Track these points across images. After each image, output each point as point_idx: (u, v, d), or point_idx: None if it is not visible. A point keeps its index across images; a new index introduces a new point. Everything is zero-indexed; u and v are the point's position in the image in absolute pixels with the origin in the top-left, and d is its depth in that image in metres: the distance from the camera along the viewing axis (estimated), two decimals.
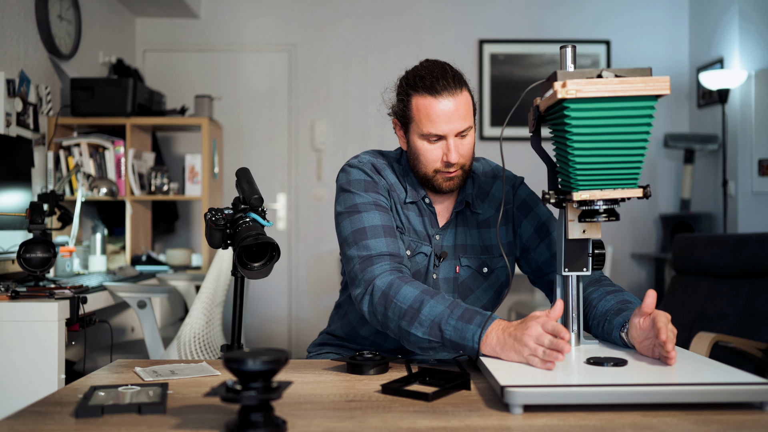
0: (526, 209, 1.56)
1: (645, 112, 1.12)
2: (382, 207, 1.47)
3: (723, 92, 4.09)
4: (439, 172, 1.46)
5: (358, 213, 1.45)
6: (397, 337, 1.35)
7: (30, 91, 3.16)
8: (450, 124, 1.41)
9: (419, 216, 1.53)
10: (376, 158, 1.55)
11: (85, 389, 1.13)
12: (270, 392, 0.89)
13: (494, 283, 1.55)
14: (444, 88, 1.40)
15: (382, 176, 1.52)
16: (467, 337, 1.23)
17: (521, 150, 3.00)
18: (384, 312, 1.34)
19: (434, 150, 1.45)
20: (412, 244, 1.50)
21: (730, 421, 0.96)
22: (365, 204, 1.46)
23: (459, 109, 1.41)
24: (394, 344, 1.56)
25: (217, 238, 1.35)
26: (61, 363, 2.13)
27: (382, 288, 1.34)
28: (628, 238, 4.74)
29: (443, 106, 1.40)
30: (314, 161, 4.71)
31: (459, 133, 1.43)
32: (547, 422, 0.96)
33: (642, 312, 1.23)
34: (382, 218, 1.45)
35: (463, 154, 1.45)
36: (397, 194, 1.52)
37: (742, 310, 2.70)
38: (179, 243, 4.57)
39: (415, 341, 1.30)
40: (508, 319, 4.63)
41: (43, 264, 2.38)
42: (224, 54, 4.71)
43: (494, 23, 4.72)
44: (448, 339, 1.25)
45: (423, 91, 1.42)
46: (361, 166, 1.51)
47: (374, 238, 1.41)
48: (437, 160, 1.45)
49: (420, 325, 1.28)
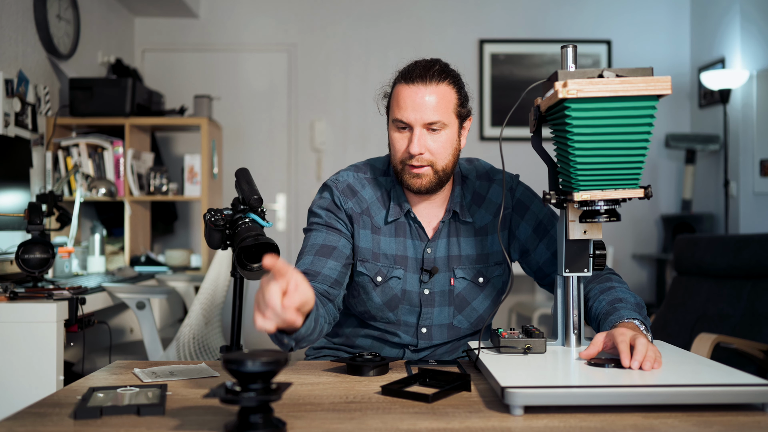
0: (523, 209, 1.51)
1: (646, 112, 1.12)
2: (334, 229, 1.46)
3: (724, 92, 4.09)
4: (405, 164, 1.41)
5: (309, 232, 1.48)
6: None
7: (28, 91, 3.15)
8: (416, 113, 1.37)
9: (400, 236, 1.49)
10: (358, 174, 1.53)
11: (83, 390, 1.13)
12: (269, 393, 0.88)
13: (491, 293, 1.51)
14: (418, 77, 1.38)
15: (357, 197, 1.49)
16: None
17: (521, 150, 3.00)
18: None
19: (401, 139, 1.42)
20: (382, 270, 1.46)
21: (732, 423, 0.95)
22: (318, 224, 1.47)
23: (430, 100, 1.37)
24: (392, 353, 1.54)
25: (217, 238, 1.34)
26: (59, 364, 2.13)
27: None
28: (629, 238, 4.74)
29: (412, 93, 1.38)
30: (314, 161, 4.70)
31: (428, 125, 1.38)
32: (548, 423, 0.96)
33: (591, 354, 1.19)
34: (325, 238, 1.44)
35: (432, 149, 1.39)
36: (371, 218, 1.49)
37: (744, 311, 2.70)
38: (178, 244, 4.56)
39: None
40: (509, 320, 4.63)
41: (41, 265, 2.37)
42: (223, 54, 4.70)
43: (495, 23, 4.71)
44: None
45: (401, 78, 1.41)
46: (334, 187, 1.50)
47: (306, 256, 1.43)
48: (402, 150, 1.41)
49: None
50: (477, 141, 4.68)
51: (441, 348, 1.54)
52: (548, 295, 4.65)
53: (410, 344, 1.52)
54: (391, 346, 1.53)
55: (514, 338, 1.27)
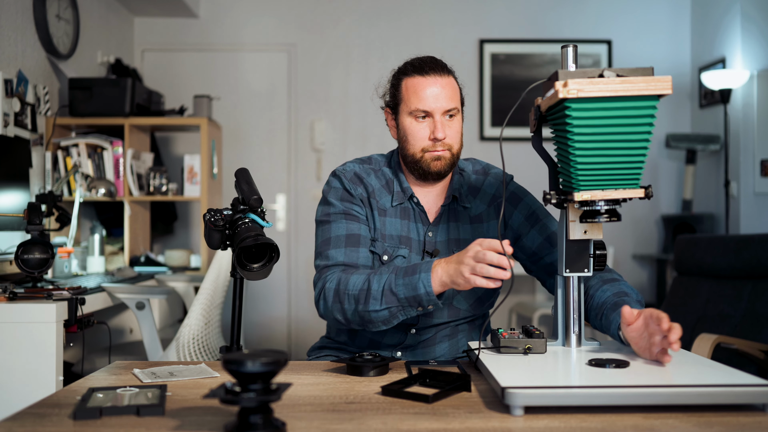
0: (516, 200, 1.60)
1: (647, 112, 1.12)
2: (353, 216, 1.54)
3: (725, 92, 4.08)
4: (426, 152, 1.51)
5: (327, 223, 1.54)
6: (361, 325, 1.40)
7: (28, 91, 3.15)
8: (437, 102, 1.49)
9: (404, 219, 1.57)
10: (362, 165, 1.62)
11: (83, 391, 1.13)
12: (269, 394, 0.88)
13: None
14: (432, 69, 1.51)
15: (364, 184, 1.58)
16: (419, 287, 1.30)
17: (521, 150, 3.00)
18: (341, 307, 1.40)
19: (422, 129, 1.51)
20: (388, 249, 1.54)
21: (732, 423, 0.95)
22: (336, 214, 1.54)
23: (445, 89, 1.50)
24: (393, 340, 1.58)
25: (216, 239, 1.34)
26: (59, 364, 2.13)
27: (332, 288, 1.41)
28: (629, 238, 4.74)
29: (430, 83, 1.49)
30: (314, 161, 4.70)
31: (446, 111, 1.50)
32: (548, 424, 0.95)
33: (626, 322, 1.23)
34: (348, 228, 1.52)
35: (451, 135, 1.51)
36: (377, 201, 1.57)
37: (745, 312, 2.69)
38: (178, 244, 4.56)
39: (376, 317, 1.36)
40: (509, 321, 4.63)
41: (41, 265, 2.37)
42: (223, 54, 4.70)
43: (495, 23, 4.71)
44: (403, 299, 1.32)
45: (412, 72, 1.52)
46: (342, 176, 1.58)
47: (335, 248, 1.49)
48: (425, 138, 1.51)
49: (375, 300, 1.35)
50: (477, 141, 4.67)
51: (442, 330, 1.58)
52: (548, 296, 4.65)
53: (411, 323, 1.56)
54: (395, 329, 1.56)
55: (514, 338, 1.27)
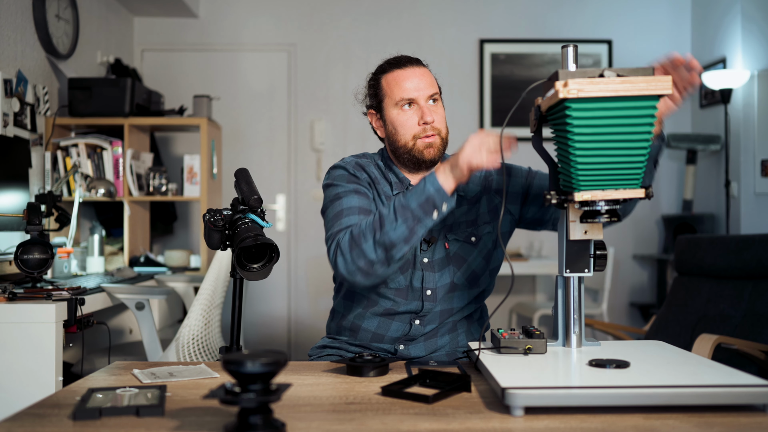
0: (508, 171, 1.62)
1: (647, 111, 1.12)
2: (362, 193, 1.55)
3: (725, 92, 4.08)
4: (418, 138, 1.55)
5: (338, 199, 1.54)
6: (386, 260, 1.38)
7: (27, 91, 3.15)
8: (419, 89, 1.55)
9: None
10: (359, 158, 1.65)
11: (82, 391, 1.12)
12: (269, 394, 0.88)
13: (483, 249, 1.61)
14: (408, 62, 1.60)
15: (365, 172, 1.61)
16: (427, 188, 1.34)
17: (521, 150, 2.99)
18: (360, 251, 1.38)
19: (410, 117, 1.56)
20: None
21: (733, 424, 0.95)
22: (345, 192, 1.55)
23: (425, 77, 1.57)
24: (396, 332, 1.58)
25: (216, 239, 1.34)
26: (58, 365, 2.12)
27: (347, 239, 1.41)
28: (629, 239, 4.74)
29: (409, 74, 1.57)
30: (314, 162, 4.70)
31: (429, 96, 1.56)
32: (549, 424, 0.95)
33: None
34: (359, 201, 1.53)
35: (438, 119, 1.56)
36: (381, 187, 1.61)
37: (745, 312, 2.69)
38: (178, 244, 4.56)
39: (396, 237, 1.36)
40: (509, 321, 4.63)
41: (40, 265, 2.37)
42: (223, 54, 4.70)
43: (495, 23, 4.71)
44: (417, 207, 1.35)
45: (390, 67, 1.61)
46: (343, 165, 1.61)
47: (348, 216, 1.49)
48: (414, 126, 1.55)
49: (390, 222, 1.36)
50: None
51: (447, 319, 1.59)
52: (548, 296, 4.65)
53: (416, 311, 1.56)
54: (399, 320, 1.57)
55: (514, 339, 1.27)
